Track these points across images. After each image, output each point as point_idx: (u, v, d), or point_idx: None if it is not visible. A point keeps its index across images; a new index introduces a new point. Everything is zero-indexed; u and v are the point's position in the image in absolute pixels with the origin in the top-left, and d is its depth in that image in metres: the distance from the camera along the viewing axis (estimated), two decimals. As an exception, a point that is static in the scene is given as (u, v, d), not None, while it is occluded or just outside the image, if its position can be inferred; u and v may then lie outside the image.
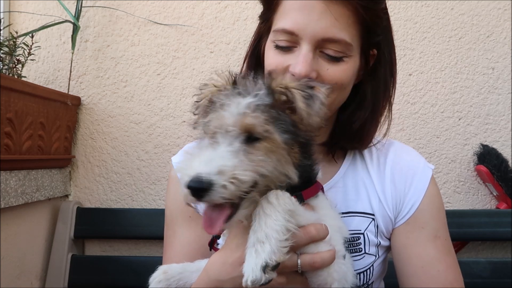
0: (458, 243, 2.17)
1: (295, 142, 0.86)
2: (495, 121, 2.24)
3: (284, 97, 0.86)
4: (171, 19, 2.26)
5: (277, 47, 1.07)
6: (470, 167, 2.24)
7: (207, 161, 0.76)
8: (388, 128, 1.25)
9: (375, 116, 1.18)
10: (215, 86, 0.91)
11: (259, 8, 2.51)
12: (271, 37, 1.10)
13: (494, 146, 2.19)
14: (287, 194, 0.82)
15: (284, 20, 1.05)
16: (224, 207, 0.80)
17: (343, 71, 1.06)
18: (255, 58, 1.22)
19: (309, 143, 0.91)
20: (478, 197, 2.25)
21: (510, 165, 2.14)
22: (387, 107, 1.21)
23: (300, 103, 0.84)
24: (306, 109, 0.84)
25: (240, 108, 0.81)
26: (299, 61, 1.02)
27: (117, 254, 2.24)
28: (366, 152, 1.23)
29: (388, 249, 1.21)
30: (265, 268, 0.73)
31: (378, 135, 1.25)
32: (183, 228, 1.21)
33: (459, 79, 2.26)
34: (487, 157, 2.13)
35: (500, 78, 2.25)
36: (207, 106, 0.90)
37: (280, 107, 0.85)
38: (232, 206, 0.81)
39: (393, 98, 1.23)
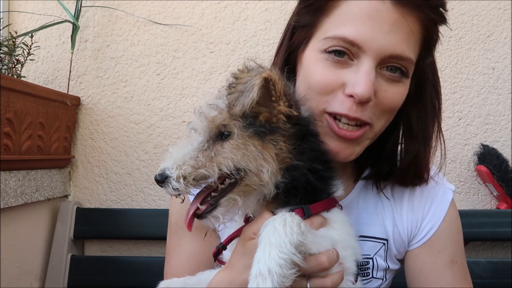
0: (458, 243, 2.17)
1: (279, 136, 0.83)
2: (495, 121, 2.24)
3: None
4: (171, 19, 2.26)
5: (331, 53, 0.90)
6: (470, 167, 2.24)
7: (170, 157, 0.84)
8: (443, 159, 1.11)
9: (428, 143, 1.06)
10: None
11: (259, 8, 2.51)
12: (318, 46, 0.93)
13: (494, 146, 2.19)
14: (297, 220, 0.78)
15: (344, 26, 0.88)
16: (193, 204, 0.87)
17: (400, 94, 0.94)
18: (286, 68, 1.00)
19: (300, 137, 0.86)
20: (478, 197, 2.24)
21: (510, 165, 2.14)
22: (436, 130, 1.09)
23: (229, 96, 0.83)
24: (229, 100, 0.82)
25: (207, 109, 0.85)
26: (361, 81, 0.87)
27: (116, 255, 2.23)
28: None
29: (397, 271, 1.17)
30: None
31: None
32: (189, 238, 1.16)
33: (459, 79, 2.25)
34: (487, 157, 2.12)
35: (500, 78, 2.25)
36: None
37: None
38: (211, 204, 0.85)
39: (441, 120, 1.11)
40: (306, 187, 0.86)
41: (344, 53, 0.90)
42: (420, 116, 1.05)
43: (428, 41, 0.95)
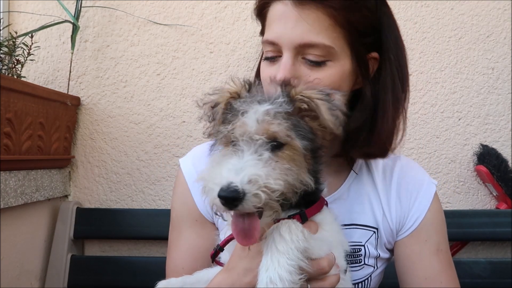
0: (458, 243, 2.17)
1: (309, 149, 0.86)
2: (495, 121, 2.25)
3: (304, 105, 0.85)
4: (171, 19, 2.26)
5: (266, 58, 1.09)
6: (470, 167, 2.24)
7: (237, 169, 0.75)
8: (401, 139, 1.18)
9: (385, 116, 1.11)
10: (229, 93, 0.89)
11: (259, 8, 2.48)
12: (262, 49, 1.13)
13: (494, 146, 2.19)
14: (300, 227, 0.81)
15: (268, 32, 1.08)
16: (253, 216, 0.79)
17: (328, 76, 1.02)
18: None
19: (317, 148, 0.89)
20: (478, 197, 2.25)
21: (510, 165, 2.14)
22: (401, 116, 1.14)
23: (326, 115, 0.83)
24: (333, 121, 0.84)
25: (261, 115, 0.80)
26: (280, 69, 1.02)
27: (116, 255, 2.24)
28: (373, 165, 1.22)
29: (387, 261, 1.24)
30: None
31: None
32: (189, 231, 1.21)
33: (459, 79, 2.26)
34: (487, 157, 2.13)
35: (500, 78, 2.25)
36: (224, 113, 0.88)
37: (298, 114, 0.85)
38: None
39: (407, 105, 1.16)
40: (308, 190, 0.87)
41: (273, 57, 1.07)
42: (378, 93, 1.12)
43: (347, 24, 1.02)
